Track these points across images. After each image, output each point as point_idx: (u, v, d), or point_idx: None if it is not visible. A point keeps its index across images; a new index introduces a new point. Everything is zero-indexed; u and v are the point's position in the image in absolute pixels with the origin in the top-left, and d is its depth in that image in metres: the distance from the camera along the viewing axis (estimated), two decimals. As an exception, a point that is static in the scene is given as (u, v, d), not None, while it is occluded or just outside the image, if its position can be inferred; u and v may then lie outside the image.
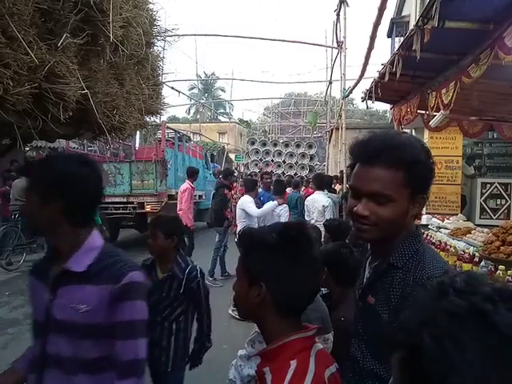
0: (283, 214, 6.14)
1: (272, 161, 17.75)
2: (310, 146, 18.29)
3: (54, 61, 2.12)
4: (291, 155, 17.86)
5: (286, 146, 18.37)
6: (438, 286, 0.57)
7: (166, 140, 10.40)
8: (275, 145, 18.53)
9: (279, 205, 6.06)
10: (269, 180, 7.58)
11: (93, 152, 10.48)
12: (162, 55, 4.02)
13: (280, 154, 17.93)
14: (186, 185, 7.57)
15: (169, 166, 9.77)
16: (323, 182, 7.05)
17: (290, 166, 17.56)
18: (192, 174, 7.84)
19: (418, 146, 1.10)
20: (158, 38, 3.62)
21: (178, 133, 11.60)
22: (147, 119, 4.01)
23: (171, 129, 11.59)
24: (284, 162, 17.78)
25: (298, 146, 18.36)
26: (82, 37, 2.30)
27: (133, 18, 2.69)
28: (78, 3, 2.16)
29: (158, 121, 7.33)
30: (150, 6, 3.29)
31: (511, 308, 0.50)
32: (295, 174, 16.98)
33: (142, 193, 9.50)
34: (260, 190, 7.35)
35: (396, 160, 1.05)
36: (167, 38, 3.86)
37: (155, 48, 3.76)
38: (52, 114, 2.25)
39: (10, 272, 7.58)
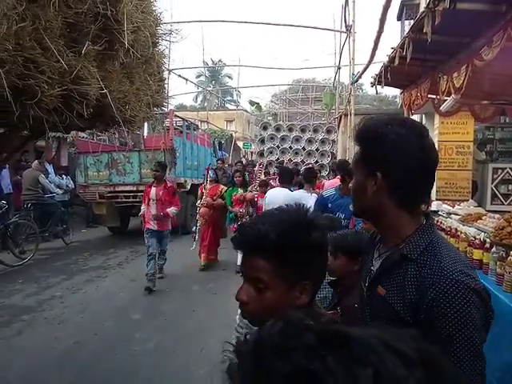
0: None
1: (290, 147, 15.99)
2: (329, 131, 16.38)
3: (79, 66, 2.48)
4: (310, 141, 16.07)
5: (303, 130, 16.57)
6: (253, 345, 0.41)
7: (174, 128, 10.38)
8: (290, 130, 16.63)
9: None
10: None
11: (102, 141, 10.55)
12: (166, 51, 4.38)
13: (298, 140, 16.13)
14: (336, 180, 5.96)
15: (177, 154, 9.78)
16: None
17: (309, 154, 15.81)
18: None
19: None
20: (163, 37, 3.89)
21: (186, 121, 11.56)
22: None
23: (179, 117, 11.56)
24: (304, 148, 15.95)
25: (315, 131, 16.56)
26: (100, 43, 2.67)
27: (141, 23, 2.99)
28: (97, 15, 2.53)
29: (165, 109, 7.29)
30: (155, 8, 3.53)
31: (343, 358, 0.35)
32: (316, 161, 15.32)
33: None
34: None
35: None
36: (174, 33, 4.06)
37: (160, 47, 3.99)
38: (76, 111, 2.61)
39: (23, 260, 7.71)
